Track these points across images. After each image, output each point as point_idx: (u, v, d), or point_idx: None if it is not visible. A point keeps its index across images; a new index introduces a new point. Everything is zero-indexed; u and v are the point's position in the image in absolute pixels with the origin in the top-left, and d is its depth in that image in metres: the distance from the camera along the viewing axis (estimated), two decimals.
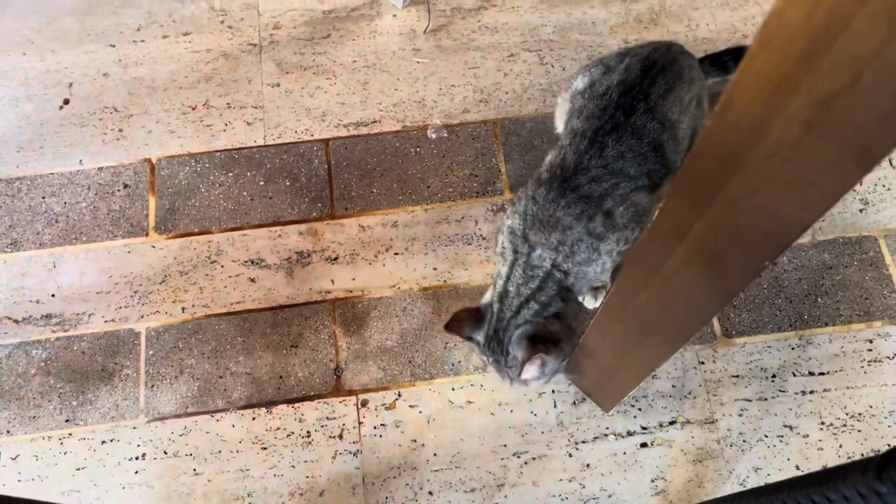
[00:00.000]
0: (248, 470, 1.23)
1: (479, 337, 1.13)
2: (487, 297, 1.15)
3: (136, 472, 1.23)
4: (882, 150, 0.43)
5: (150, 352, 1.31)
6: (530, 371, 1.06)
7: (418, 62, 1.57)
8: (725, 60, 1.39)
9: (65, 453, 1.24)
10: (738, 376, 1.30)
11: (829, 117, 0.43)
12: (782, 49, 0.42)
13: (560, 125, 1.34)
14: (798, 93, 0.43)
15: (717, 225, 0.58)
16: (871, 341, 1.32)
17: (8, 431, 1.26)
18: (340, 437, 1.26)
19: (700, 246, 0.63)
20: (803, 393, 1.28)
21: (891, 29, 0.36)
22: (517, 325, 1.09)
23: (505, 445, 1.25)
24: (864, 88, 0.40)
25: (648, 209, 1.15)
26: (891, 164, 1.46)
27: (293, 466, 1.24)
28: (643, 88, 1.15)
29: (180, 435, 1.26)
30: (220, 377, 1.30)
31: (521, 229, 1.11)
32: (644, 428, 1.26)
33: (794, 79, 0.42)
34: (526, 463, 1.24)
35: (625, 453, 1.24)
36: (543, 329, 1.08)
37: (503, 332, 1.10)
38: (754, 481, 1.22)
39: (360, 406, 1.28)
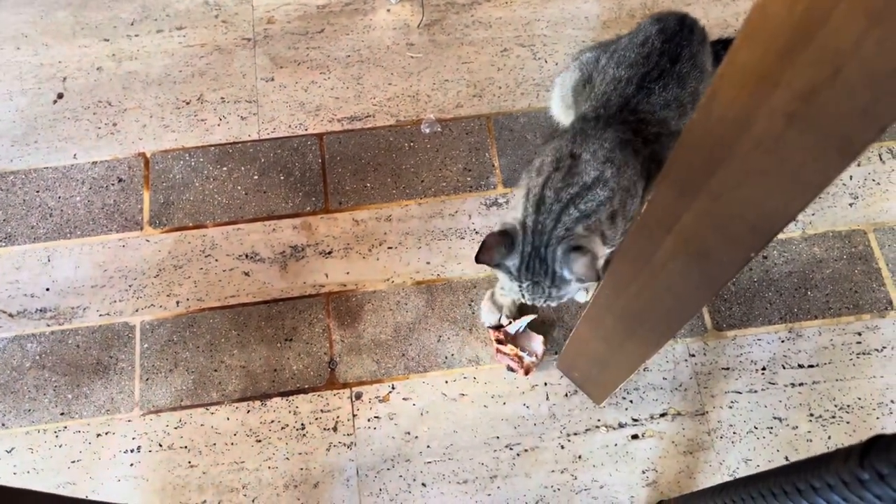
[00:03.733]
0: (242, 462, 1.24)
1: (513, 261, 1.05)
2: (515, 216, 1.07)
3: (132, 465, 1.24)
4: (863, 142, 0.44)
5: (145, 345, 1.32)
6: (590, 272, 0.99)
7: (412, 57, 1.58)
8: (717, 49, 1.40)
9: (60, 446, 1.25)
10: (728, 369, 1.31)
11: (811, 110, 0.44)
12: (765, 43, 0.43)
13: (556, 107, 1.33)
14: (781, 86, 0.44)
15: (704, 216, 0.59)
16: (859, 334, 1.33)
17: (3, 424, 1.26)
18: (335, 429, 1.27)
19: (687, 238, 0.64)
20: (793, 385, 1.30)
21: (869, 23, 0.37)
22: (559, 238, 1.02)
23: (497, 437, 1.26)
24: (845, 81, 0.41)
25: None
26: (880, 158, 1.48)
27: (287, 459, 1.25)
28: (684, 35, 1.14)
29: (175, 428, 1.27)
30: (215, 370, 1.31)
31: (568, 148, 1.07)
32: (635, 420, 1.27)
33: (776, 72, 0.43)
34: (518, 455, 1.25)
35: (616, 445, 1.26)
36: (584, 241, 1.02)
37: (545, 249, 1.02)
38: (744, 472, 1.23)
39: (354, 399, 1.29)
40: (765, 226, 0.55)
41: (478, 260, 1.04)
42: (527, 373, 1.28)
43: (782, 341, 1.33)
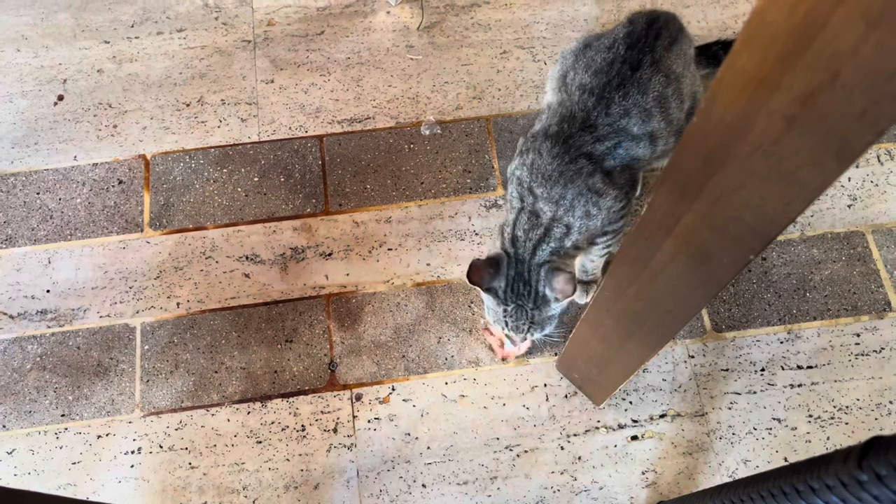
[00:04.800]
0: (243, 463, 1.24)
1: (500, 283, 1.14)
2: (497, 246, 1.18)
3: (132, 466, 1.24)
4: (861, 146, 0.44)
5: (146, 347, 1.32)
6: (568, 287, 1.10)
7: (412, 59, 1.58)
8: (716, 50, 1.41)
9: (61, 447, 1.25)
10: (727, 370, 1.31)
11: (809, 113, 0.44)
12: (764, 47, 0.43)
13: (549, 94, 1.34)
14: (779, 90, 0.44)
15: (704, 219, 0.60)
16: (858, 335, 1.34)
17: (4, 426, 1.26)
18: (335, 430, 1.27)
19: (687, 240, 0.64)
20: (791, 386, 1.30)
21: (867, 27, 0.37)
22: (539, 265, 1.12)
23: (497, 439, 1.27)
24: (843, 85, 0.41)
25: (641, 171, 1.19)
26: (878, 160, 1.48)
27: (288, 460, 1.25)
28: (648, 41, 1.17)
29: (176, 429, 1.27)
30: (215, 372, 1.31)
31: (527, 181, 1.15)
32: (635, 421, 1.28)
33: (775, 76, 0.44)
34: (518, 456, 1.25)
35: (616, 446, 1.26)
36: (563, 264, 1.14)
37: (528, 273, 1.12)
38: (743, 473, 1.24)
39: (354, 400, 1.29)
40: (764, 228, 0.56)
41: (470, 280, 1.13)
42: (503, 360, 1.29)
43: (781, 342, 1.33)
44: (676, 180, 0.60)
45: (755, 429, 1.27)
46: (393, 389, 1.30)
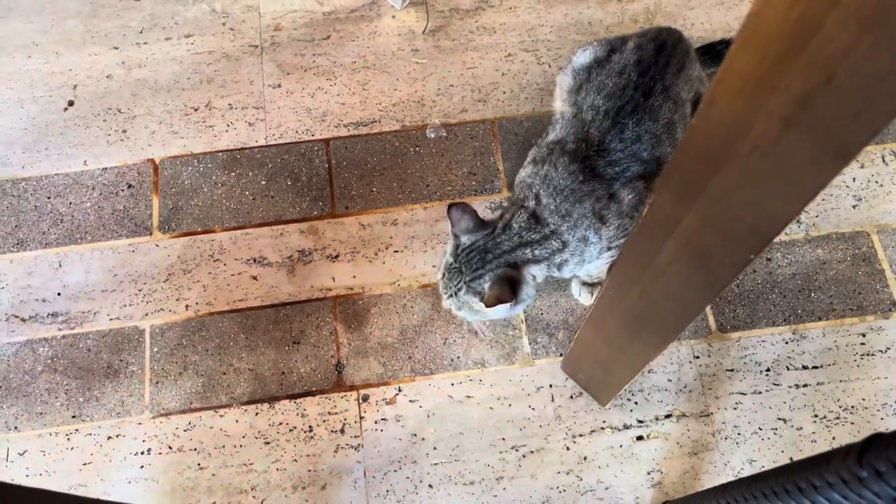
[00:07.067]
0: (251, 464, 1.26)
1: (466, 240, 1.13)
2: (493, 217, 1.18)
3: (142, 467, 1.25)
4: (857, 146, 0.45)
5: (155, 349, 1.34)
6: (496, 310, 1.08)
7: (417, 62, 1.59)
8: (720, 49, 1.41)
9: (71, 448, 1.27)
10: (732, 370, 1.32)
11: (806, 114, 0.45)
12: (761, 49, 0.44)
13: (558, 103, 1.35)
14: (776, 91, 0.45)
15: (704, 219, 0.60)
16: (863, 335, 1.34)
17: (16, 427, 1.28)
18: (342, 431, 1.28)
19: (688, 240, 0.65)
20: (797, 386, 1.30)
21: (861, 29, 0.38)
22: (507, 262, 1.11)
23: (503, 439, 1.27)
24: (838, 86, 0.42)
25: (646, 198, 1.18)
26: (883, 160, 1.48)
27: (295, 460, 1.26)
28: (659, 69, 1.18)
29: (185, 430, 1.28)
30: (224, 373, 1.32)
31: (536, 187, 1.15)
32: (640, 421, 1.28)
33: (772, 78, 0.44)
34: (524, 456, 1.26)
35: (621, 446, 1.26)
36: (519, 276, 1.11)
37: (491, 255, 1.11)
38: (748, 473, 1.23)
39: (361, 401, 1.30)
40: (764, 227, 0.56)
41: (449, 214, 1.13)
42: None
43: (786, 343, 1.34)
44: (677, 182, 0.61)
45: (760, 429, 1.27)
46: (399, 390, 1.31)
